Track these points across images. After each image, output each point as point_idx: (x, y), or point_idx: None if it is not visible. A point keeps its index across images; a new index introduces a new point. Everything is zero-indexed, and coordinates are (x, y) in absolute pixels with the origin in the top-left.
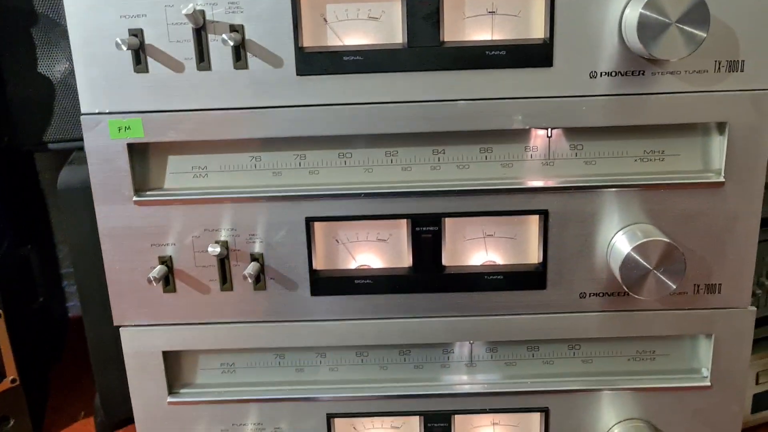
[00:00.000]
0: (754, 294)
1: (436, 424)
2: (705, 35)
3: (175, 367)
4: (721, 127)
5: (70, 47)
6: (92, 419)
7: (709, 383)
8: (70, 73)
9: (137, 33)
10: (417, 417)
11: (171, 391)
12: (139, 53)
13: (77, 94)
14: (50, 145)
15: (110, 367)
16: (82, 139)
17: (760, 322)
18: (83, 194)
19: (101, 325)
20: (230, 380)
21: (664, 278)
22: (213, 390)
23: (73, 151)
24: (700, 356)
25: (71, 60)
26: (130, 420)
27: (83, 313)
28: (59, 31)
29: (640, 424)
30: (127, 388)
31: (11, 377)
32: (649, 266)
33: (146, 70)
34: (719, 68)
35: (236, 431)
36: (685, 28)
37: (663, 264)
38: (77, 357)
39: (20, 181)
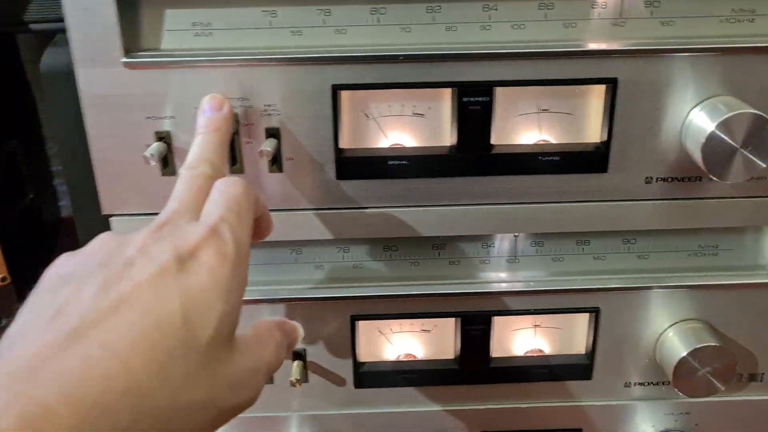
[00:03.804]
0: None
1: (474, 327)
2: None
3: None
4: None
5: None
6: None
7: None
8: None
9: None
10: (452, 318)
11: None
12: None
13: None
14: (32, 26)
15: None
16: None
17: None
18: (71, 78)
19: (93, 221)
20: None
21: (752, 157)
22: None
23: (57, 33)
24: (766, 250)
25: None
26: None
27: (73, 209)
28: None
29: (697, 325)
30: None
31: (1, 276)
32: (736, 144)
33: None
34: None
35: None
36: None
37: (751, 141)
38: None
39: (3, 70)
